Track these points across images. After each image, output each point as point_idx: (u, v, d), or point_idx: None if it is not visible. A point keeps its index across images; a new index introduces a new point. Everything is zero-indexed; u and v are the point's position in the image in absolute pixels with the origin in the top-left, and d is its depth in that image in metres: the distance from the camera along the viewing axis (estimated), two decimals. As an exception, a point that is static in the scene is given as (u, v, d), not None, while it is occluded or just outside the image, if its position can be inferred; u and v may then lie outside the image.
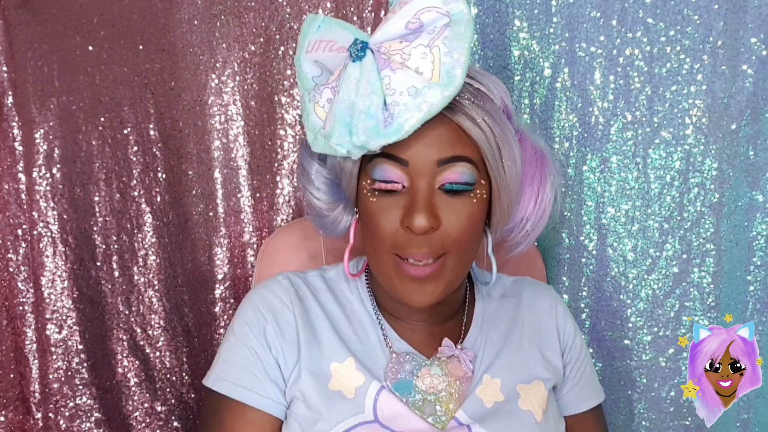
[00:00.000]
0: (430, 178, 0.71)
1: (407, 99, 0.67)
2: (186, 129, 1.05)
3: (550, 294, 0.90)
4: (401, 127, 0.67)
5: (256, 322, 0.78)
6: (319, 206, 0.80)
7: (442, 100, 0.67)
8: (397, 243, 0.72)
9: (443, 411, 0.76)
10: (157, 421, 1.11)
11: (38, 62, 1.00)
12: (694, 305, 1.04)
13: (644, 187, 1.02)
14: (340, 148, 0.69)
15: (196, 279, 1.09)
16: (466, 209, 0.72)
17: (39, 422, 1.08)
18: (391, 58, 0.68)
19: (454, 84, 0.67)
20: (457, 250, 0.72)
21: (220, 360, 0.78)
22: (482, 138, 0.71)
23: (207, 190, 1.07)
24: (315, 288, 0.82)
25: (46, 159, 1.03)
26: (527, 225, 0.78)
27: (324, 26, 0.75)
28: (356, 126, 0.68)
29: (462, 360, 0.79)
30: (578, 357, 0.88)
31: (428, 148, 0.70)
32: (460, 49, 0.67)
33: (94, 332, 1.08)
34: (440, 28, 0.68)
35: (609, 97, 1.00)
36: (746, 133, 1.00)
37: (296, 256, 0.96)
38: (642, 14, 0.97)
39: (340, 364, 0.77)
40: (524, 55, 1.02)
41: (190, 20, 1.02)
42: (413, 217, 0.69)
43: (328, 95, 0.72)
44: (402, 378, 0.77)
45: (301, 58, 0.75)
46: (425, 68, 0.68)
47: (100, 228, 1.06)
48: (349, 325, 0.80)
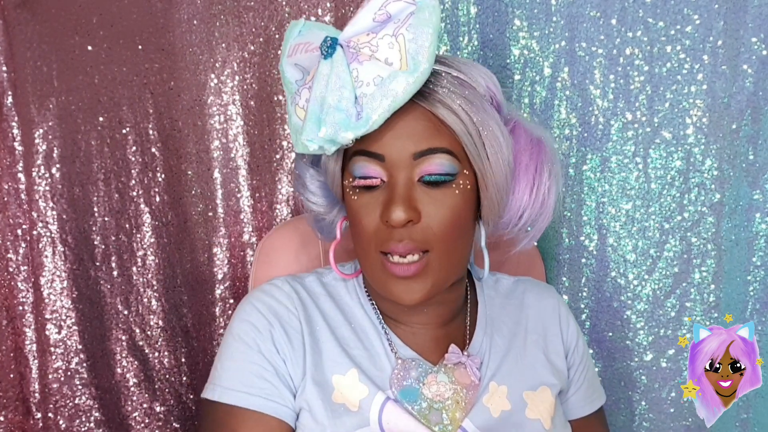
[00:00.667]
0: (407, 171, 0.70)
1: (373, 89, 0.66)
2: (185, 129, 1.05)
3: (552, 295, 0.89)
4: (369, 117, 0.66)
5: (262, 327, 0.74)
6: (316, 210, 0.80)
7: (407, 87, 0.66)
8: (379, 239, 0.71)
9: (449, 420, 0.74)
10: (156, 422, 1.11)
11: (37, 62, 1.00)
12: (695, 305, 1.04)
13: (644, 187, 1.02)
14: (310, 144, 0.69)
15: (195, 279, 1.09)
16: (448, 200, 0.70)
17: (39, 422, 1.08)
18: (360, 51, 0.68)
19: (419, 70, 0.66)
20: (442, 244, 0.71)
21: (224, 369, 0.73)
22: (459, 125, 0.69)
23: (206, 190, 1.07)
24: (315, 294, 0.80)
25: (46, 159, 1.03)
26: (524, 216, 0.76)
27: (305, 30, 0.74)
28: (324, 120, 0.67)
29: (469, 367, 0.77)
30: (581, 359, 0.87)
31: (403, 141, 0.69)
32: (425, 35, 0.66)
33: (94, 332, 1.08)
34: (405, 16, 0.67)
35: (609, 97, 1.00)
36: (746, 133, 0.99)
37: (294, 255, 0.95)
38: (642, 14, 0.97)
39: (343, 377, 0.74)
40: (524, 55, 1.02)
41: (189, 20, 1.02)
42: (390, 211, 0.68)
43: (306, 95, 0.71)
44: (408, 385, 0.75)
45: (283, 63, 0.75)
46: (394, 58, 0.67)
47: (99, 228, 1.06)
48: (352, 332, 0.78)
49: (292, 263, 0.95)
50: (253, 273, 0.96)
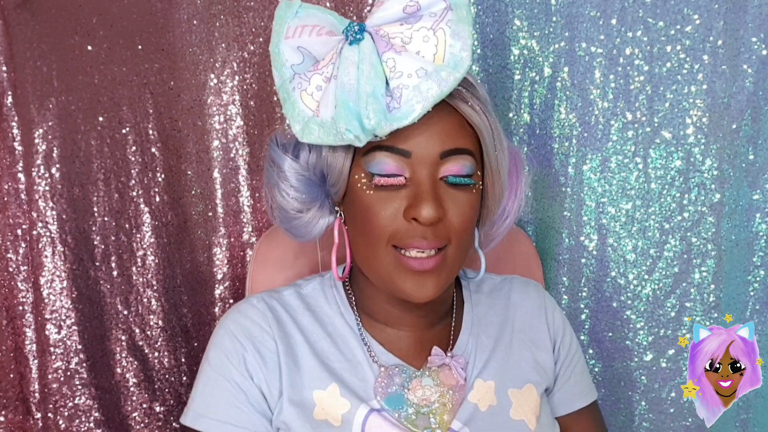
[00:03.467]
0: (432, 169, 0.69)
1: (417, 81, 0.65)
2: (185, 129, 1.05)
3: (537, 292, 0.88)
4: (412, 109, 0.65)
5: (234, 352, 0.73)
6: (291, 206, 0.76)
7: (454, 82, 0.66)
8: (398, 234, 0.69)
9: (438, 423, 0.74)
10: (156, 422, 1.11)
11: (37, 62, 1.00)
12: (694, 305, 1.04)
13: (644, 187, 1.02)
14: (348, 134, 0.66)
15: (195, 279, 1.09)
16: (467, 199, 0.71)
17: (38, 422, 1.08)
18: (392, 41, 0.67)
19: (463, 66, 0.66)
20: (460, 241, 0.71)
21: (198, 395, 0.74)
22: (484, 125, 0.70)
23: (206, 190, 1.07)
24: (292, 308, 0.78)
25: (45, 159, 1.03)
26: (508, 219, 0.78)
27: (302, 11, 0.72)
28: (366, 109, 0.65)
29: (453, 368, 0.76)
30: (568, 353, 0.86)
31: (432, 139, 0.68)
32: (466, 32, 0.67)
33: (93, 332, 1.08)
34: (441, 11, 0.67)
35: (609, 97, 1.00)
36: (746, 133, 0.99)
37: (291, 256, 0.95)
38: (642, 13, 0.97)
39: (324, 392, 0.73)
40: (524, 55, 1.02)
41: (189, 20, 1.02)
42: (421, 208, 0.67)
43: (317, 82, 0.69)
44: (392, 392, 0.74)
45: (279, 45, 0.72)
46: (427, 52, 0.66)
47: (98, 228, 1.06)
48: (332, 343, 0.76)
49: (289, 264, 0.95)
50: (250, 273, 0.96)
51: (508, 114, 1.04)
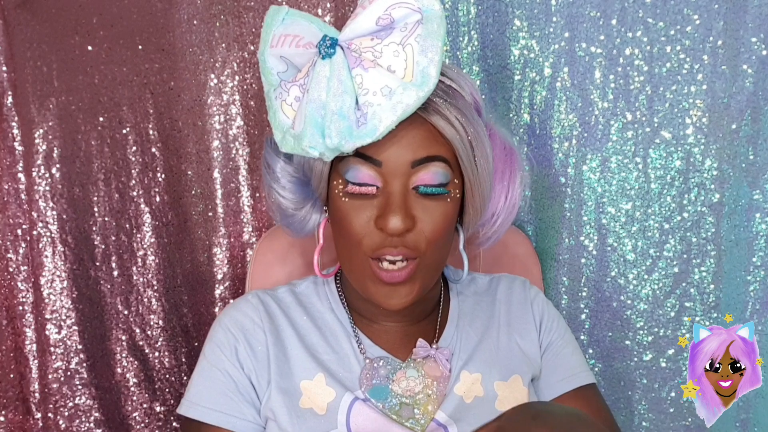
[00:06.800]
0: (404, 179, 0.69)
1: (381, 99, 0.66)
2: (185, 129, 1.05)
3: (523, 285, 0.89)
4: (375, 128, 0.66)
5: (226, 343, 0.77)
6: (285, 205, 0.78)
7: (417, 101, 0.66)
8: (370, 243, 0.70)
9: (422, 414, 0.75)
10: (156, 422, 1.11)
11: (37, 62, 1.00)
12: (694, 305, 1.04)
13: (644, 187, 1.02)
14: (312, 151, 0.68)
15: (195, 279, 1.09)
16: (441, 209, 0.71)
17: (39, 422, 1.08)
18: (362, 56, 0.67)
19: (429, 84, 0.66)
20: (431, 250, 0.71)
21: (193, 386, 0.77)
22: (456, 137, 0.70)
23: (206, 190, 1.07)
24: (285, 304, 0.81)
25: (46, 159, 1.03)
26: (498, 221, 0.78)
27: (288, 19, 0.72)
28: (329, 128, 0.66)
29: (438, 359, 0.78)
30: (553, 336, 0.85)
31: (402, 149, 0.69)
32: (434, 48, 0.66)
33: (94, 332, 1.08)
34: (412, 25, 0.67)
35: (609, 97, 1.00)
36: (746, 133, 0.99)
37: (291, 255, 0.95)
38: (642, 14, 0.97)
39: (310, 382, 0.75)
40: (524, 55, 1.02)
41: (189, 20, 1.02)
42: (388, 219, 0.68)
43: (295, 93, 0.70)
44: (377, 384, 0.76)
45: (265, 53, 0.72)
46: (398, 66, 0.66)
47: (99, 228, 1.06)
48: (321, 337, 0.79)
49: (289, 264, 0.95)
50: (250, 273, 0.96)
51: (508, 114, 1.04)
